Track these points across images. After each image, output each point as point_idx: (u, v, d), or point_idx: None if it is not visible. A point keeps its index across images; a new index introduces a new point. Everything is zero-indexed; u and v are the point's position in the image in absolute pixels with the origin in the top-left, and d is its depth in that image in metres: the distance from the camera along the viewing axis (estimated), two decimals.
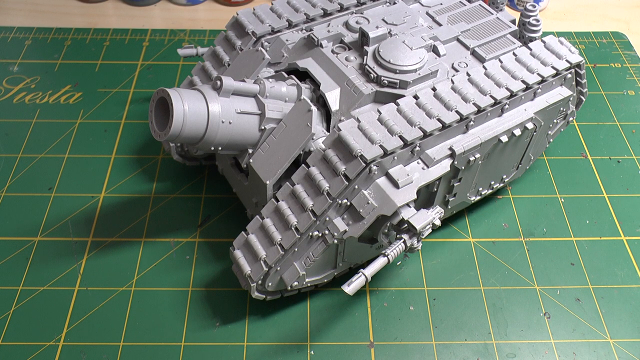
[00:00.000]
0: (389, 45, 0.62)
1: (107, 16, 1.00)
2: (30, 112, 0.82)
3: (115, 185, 0.74)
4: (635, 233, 0.71)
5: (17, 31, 0.95)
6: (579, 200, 0.74)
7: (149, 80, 0.87)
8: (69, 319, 0.62)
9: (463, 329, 0.62)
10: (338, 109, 0.61)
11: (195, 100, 0.54)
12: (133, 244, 0.68)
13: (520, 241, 0.70)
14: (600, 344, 0.61)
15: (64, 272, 0.66)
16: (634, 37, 0.98)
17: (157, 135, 0.55)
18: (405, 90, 0.60)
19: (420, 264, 0.67)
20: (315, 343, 0.61)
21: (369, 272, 0.53)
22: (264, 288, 0.59)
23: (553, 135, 0.71)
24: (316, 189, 0.56)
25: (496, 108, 0.60)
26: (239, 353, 0.60)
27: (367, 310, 0.64)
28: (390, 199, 0.54)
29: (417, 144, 0.56)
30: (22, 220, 0.70)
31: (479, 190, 0.68)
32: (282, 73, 0.63)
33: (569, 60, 0.64)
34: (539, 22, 0.70)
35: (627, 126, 0.83)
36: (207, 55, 0.71)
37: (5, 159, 0.77)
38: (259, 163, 0.59)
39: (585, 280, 0.66)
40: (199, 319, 0.62)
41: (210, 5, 1.03)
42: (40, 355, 0.59)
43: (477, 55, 0.65)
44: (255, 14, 0.70)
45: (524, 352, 0.61)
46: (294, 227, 0.56)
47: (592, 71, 0.91)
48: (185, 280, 0.65)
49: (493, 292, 0.65)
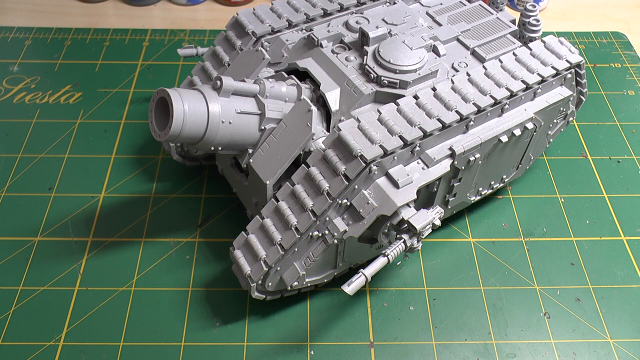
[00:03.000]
0: (389, 45, 0.62)
1: (107, 16, 1.00)
2: (30, 112, 0.82)
3: (115, 185, 0.74)
4: (635, 233, 0.71)
5: (17, 31, 0.95)
6: (579, 200, 0.74)
7: (149, 80, 0.87)
8: (69, 319, 0.62)
9: (463, 329, 0.62)
10: (338, 109, 0.61)
11: (195, 100, 0.54)
12: (133, 244, 0.68)
13: (520, 241, 0.70)
14: (600, 344, 0.61)
15: (64, 272, 0.66)
16: (634, 37, 0.98)
17: (157, 135, 0.55)
18: (405, 90, 0.60)
19: (420, 264, 0.67)
20: (315, 343, 0.61)
21: (369, 272, 0.53)
22: (264, 288, 0.59)
23: (553, 135, 0.71)
24: (316, 189, 0.56)
25: (496, 108, 0.60)
26: (239, 353, 0.60)
27: (367, 310, 0.64)
28: (390, 199, 0.54)
29: (417, 144, 0.56)
30: (22, 220, 0.70)
31: (479, 190, 0.68)
32: (282, 73, 0.63)
33: (569, 60, 0.64)
34: (539, 22, 0.70)
35: (627, 126, 0.83)
36: (207, 55, 0.71)
37: (5, 159, 0.77)
38: (259, 163, 0.59)
39: (585, 280, 0.66)
40: (199, 319, 0.62)
41: (210, 5, 1.03)
42: (40, 355, 0.59)
43: (477, 55, 0.65)
44: (255, 14, 0.70)
45: (524, 352, 0.61)
46: (294, 227, 0.56)
47: (592, 71, 0.91)
48: (185, 280, 0.65)
49: (493, 292, 0.65)
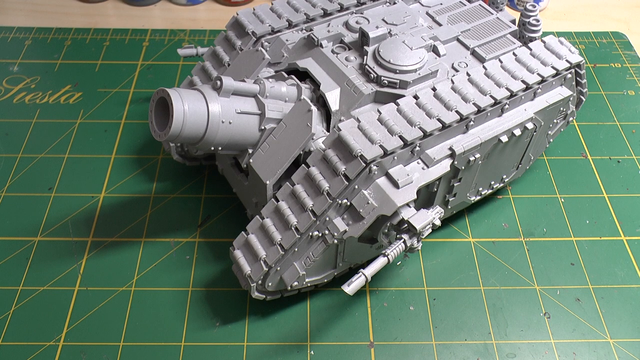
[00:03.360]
0: (389, 45, 0.62)
1: (107, 16, 1.00)
2: (30, 112, 0.82)
3: (115, 185, 0.74)
4: (635, 233, 0.71)
5: (17, 31, 0.95)
6: (579, 200, 0.74)
7: (149, 80, 0.87)
8: (69, 319, 0.62)
9: (463, 329, 0.62)
10: (338, 109, 0.61)
11: (195, 100, 0.54)
12: (133, 244, 0.68)
13: (520, 241, 0.70)
14: (600, 344, 0.61)
15: (64, 272, 0.66)
16: (634, 37, 0.98)
17: (157, 135, 0.55)
18: (405, 90, 0.60)
19: (420, 264, 0.67)
20: (315, 343, 0.61)
21: (369, 272, 0.53)
22: (264, 288, 0.59)
23: (553, 135, 0.71)
24: (316, 189, 0.55)
25: (496, 108, 0.60)
26: (239, 353, 0.60)
27: (367, 310, 0.64)
28: (390, 199, 0.54)
29: (417, 144, 0.56)
30: (22, 220, 0.70)
31: (479, 190, 0.68)
32: (282, 73, 0.63)
33: (569, 60, 0.64)
34: (539, 22, 0.70)
35: (627, 126, 0.83)
36: (207, 55, 0.71)
37: (5, 159, 0.77)
38: (259, 163, 0.59)
39: (585, 280, 0.66)
40: (199, 319, 0.62)
41: (210, 5, 1.03)
42: (40, 355, 0.59)
43: (477, 55, 0.65)
44: (255, 14, 0.70)
45: (524, 352, 0.61)
46: (294, 227, 0.56)
47: (592, 71, 0.91)
48: (185, 280, 0.65)
49: (493, 292, 0.65)
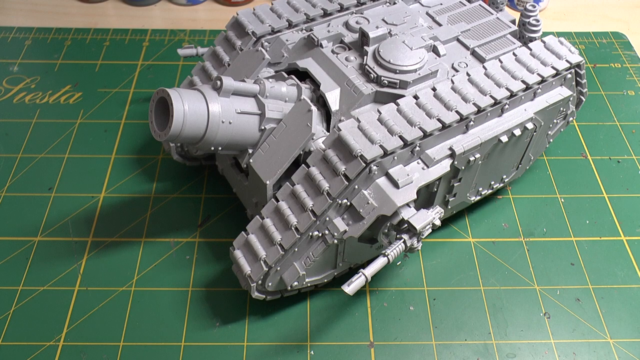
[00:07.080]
0: (389, 45, 0.62)
1: (107, 16, 1.00)
2: (30, 112, 0.82)
3: (115, 185, 0.74)
4: (635, 233, 0.71)
5: (17, 31, 0.95)
6: (579, 200, 0.74)
7: (149, 80, 0.87)
8: (69, 319, 0.62)
9: (463, 329, 0.62)
10: (338, 109, 0.61)
11: (195, 100, 0.54)
12: (133, 244, 0.68)
13: (520, 241, 0.70)
14: (600, 344, 0.61)
15: (64, 272, 0.66)
16: (634, 37, 0.98)
17: (157, 135, 0.55)
18: (405, 90, 0.60)
19: (420, 264, 0.67)
20: (315, 343, 0.61)
21: (369, 272, 0.53)
22: (264, 288, 0.59)
23: (553, 136, 0.71)
24: (316, 189, 0.55)
25: (496, 108, 0.60)
26: (239, 353, 0.60)
27: (367, 310, 0.64)
28: (390, 199, 0.54)
29: (417, 144, 0.56)
30: (22, 220, 0.70)
31: (479, 190, 0.68)
32: (282, 73, 0.63)
33: (569, 61, 0.64)
34: (539, 22, 0.70)
35: (627, 126, 0.83)
36: (207, 55, 0.71)
37: (5, 159, 0.77)
38: (259, 163, 0.59)
39: (585, 280, 0.66)
40: (199, 319, 0.62)
41: (210, 5, 1.03)
42: (40, 355, 0.59)
43: (477, 56, 0.65)
44: (255, 14, 0.70)
45: (524, 352, 0.61)
46: (294, 227, 0.56)
47: (592, 71, 0.91)
48: (185, 280, 0.65)
49: (493, 292, 0.65)
